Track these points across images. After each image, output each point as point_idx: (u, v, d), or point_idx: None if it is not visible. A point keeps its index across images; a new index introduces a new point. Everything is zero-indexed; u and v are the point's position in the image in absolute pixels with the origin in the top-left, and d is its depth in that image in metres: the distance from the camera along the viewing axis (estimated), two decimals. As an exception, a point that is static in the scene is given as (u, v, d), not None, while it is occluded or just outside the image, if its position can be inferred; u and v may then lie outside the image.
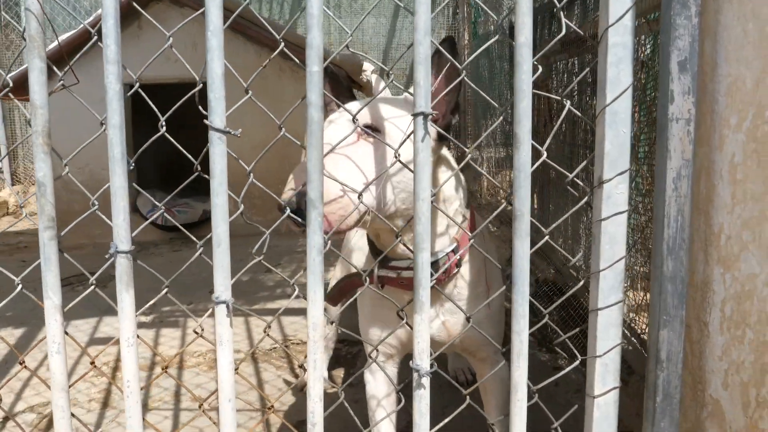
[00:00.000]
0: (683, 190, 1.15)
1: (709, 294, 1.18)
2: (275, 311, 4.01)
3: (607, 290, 1.21)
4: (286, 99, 5.89)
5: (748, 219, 1.05)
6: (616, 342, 1.22)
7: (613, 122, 1.16)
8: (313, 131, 1.15)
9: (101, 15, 1.17)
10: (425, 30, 1.12)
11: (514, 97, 1.14)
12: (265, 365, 3.24)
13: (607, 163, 1.18)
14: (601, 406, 1.24)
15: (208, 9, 1.14)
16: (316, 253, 1.17)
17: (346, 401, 1.36)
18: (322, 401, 1.20)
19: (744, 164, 1.06)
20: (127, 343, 1.25)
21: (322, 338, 1.19)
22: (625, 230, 1.20)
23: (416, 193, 1.15)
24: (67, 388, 1.29)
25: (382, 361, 1.79)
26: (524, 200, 1.16)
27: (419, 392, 1.19)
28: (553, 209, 3.93)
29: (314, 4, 1.12)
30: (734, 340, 1.11)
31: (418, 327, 1.18)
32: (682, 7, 1.11)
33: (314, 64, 1.14)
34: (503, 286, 1.41)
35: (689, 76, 1.13)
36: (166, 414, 2.76)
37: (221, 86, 1.16)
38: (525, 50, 1.13)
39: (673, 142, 1.14)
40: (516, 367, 1.21)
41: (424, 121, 1.13)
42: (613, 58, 1.15)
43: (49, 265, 1.23)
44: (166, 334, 3.70)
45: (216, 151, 1.16)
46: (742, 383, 1.09)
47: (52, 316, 1.25)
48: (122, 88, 1.20)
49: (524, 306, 1.18)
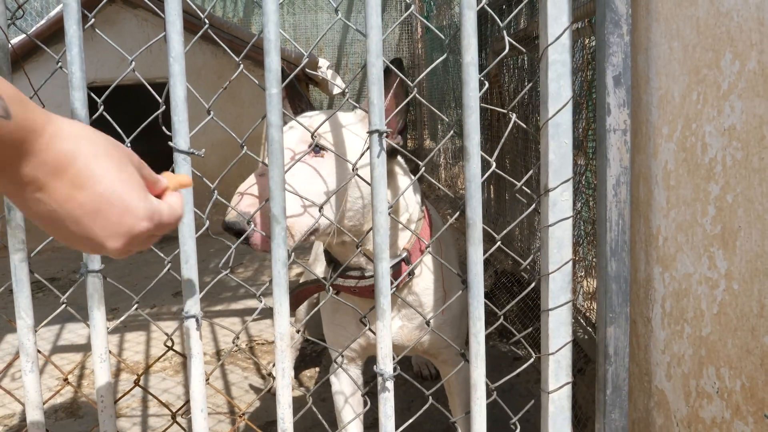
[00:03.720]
0: (623, 196, 1.23)
1: (651, 291, 1.26)
2: (239, 312, 4.05)
3: (556, 291, 1.28)
4: (244, 97, 5.91)
5: (682, 222, 1.14)
6: (567, 339, 1.30)
7: (556, 134, 1.24)
8: (274, 150, 1.20)
9: (66, 43, 1.21)
10: (377, 52, 1.18)
11: (462, 112, 1.21)
12: (231, 367, 3.27)
13: (552, 172, 1.25)
14: (555, 401, 1.32)
15: (170, 35, 1.18)
16: (281, 266, 1.23)
17: (313, 399, 1.42)
18: (291, 407, 1.26)
19: (676, 171, 1.14)
20: (100, 359, 1.29)
21: (288, 348, 1.25)
22: (570, 234, 1.28)
23: (374, 206, 1.21)
24: (41, 406, 1.33)
25: (346, 364, 1.85)
26: (476, 209, 1.23)
27: (384, 395, 1.25)
28: (510, 205, 4.02)
29: (271, 29, 1.17)
30: (674, 335, 1.19)
31: (380, 333, 1.24)
32: (614, 27, 1.19)
33: (273, 87, 1.19)
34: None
35: (624, 89, 1.21)
36: (135, 421, 2.78)
37: (184, 109, 1.20)
38: (471, 69, 1.19)
39: (612, 151, 1.22)
40: (474, 367, 1.28)
41: (380, 138, 1.19)
42: (554, 74, 1.22)
43: (21, 286, 1.27)
44: (130, 339, 3.71)
45: (181, 171, 1.21)
46: (683, 375, 1.18)
47: (25, 335, 1.29)
48: (87, 113, 1.24)
49: (479, 309, 1.25)
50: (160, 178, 0.86)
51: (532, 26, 2.94)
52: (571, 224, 1.27)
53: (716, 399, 1.08)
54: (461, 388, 1.85)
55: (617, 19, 1.19)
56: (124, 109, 4.95)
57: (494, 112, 4.03)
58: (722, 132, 1.01)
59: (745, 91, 0.95)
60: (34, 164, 0.67)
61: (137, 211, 0.75)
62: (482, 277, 1.25)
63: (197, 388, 1.26)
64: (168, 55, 1.19)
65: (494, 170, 1.29)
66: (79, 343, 3.66)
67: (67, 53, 1.21)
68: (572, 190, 1.27)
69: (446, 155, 7.21)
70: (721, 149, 1.02)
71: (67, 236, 0.73)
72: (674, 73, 1.13)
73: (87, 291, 1.27)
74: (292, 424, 1.27)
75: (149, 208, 0.77)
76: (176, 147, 1.20)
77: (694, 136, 1.08)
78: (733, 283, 1.01)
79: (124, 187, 0.74)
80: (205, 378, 1.28)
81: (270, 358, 3.35)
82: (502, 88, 3.92)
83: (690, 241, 1.12)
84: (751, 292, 0.97)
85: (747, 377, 0.99)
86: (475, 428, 1.29)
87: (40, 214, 0.70)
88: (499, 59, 1.37)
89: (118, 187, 0.73)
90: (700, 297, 1.11)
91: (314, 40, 8.66)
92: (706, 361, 1.10)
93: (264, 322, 3.84)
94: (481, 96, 1.22)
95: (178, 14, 1.18)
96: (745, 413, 1.00)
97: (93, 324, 1.28)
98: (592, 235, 2.65)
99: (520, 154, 3.54)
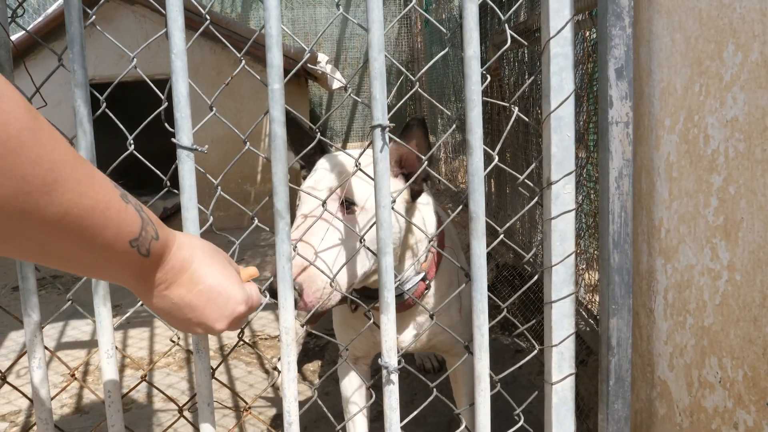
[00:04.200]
0: (625, 188, 1.24)
1: (653, 283, 1.27)
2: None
3: (559, 284, 1.29)
4: (244, 93, 5.91)
5: (684, 214, 1.14)
6: (570, 331, 1.31)
7: (558, 127, 1.24)
8: (277, 146, 1.21)
9: (68, 41, 1.21)
10: (379, 47, 1.18)
11: (465, 106, 1.22)
12: (235, 362, 3.29)
13: (554, 165, 1.25)
14: (558, 392, 1.33)
15: (171, 32, 1.18)
16: (285, 261, 1.23)
17: (318, 393, 1.43)
18: (297, 401, 1.26)
19: (678, 163, 1.15)
20: (106, 355, 1.30)
21: (294, 342, 1.25)
22: (573, 227, 1.28)
23: (377, 200, 1.22)
24: (49, 401, 1.34)
25: (353, 360, 1.90)
26: (479, 203, 1.24)
27: (389, 388, 1.26)
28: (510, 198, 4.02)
29: (273, 25, 1.18)
30: (677, 326, 1.20)
31: (384, 326, 1.25)
32: (616, 19, 1.19)
33: (275, 82, 1.20)
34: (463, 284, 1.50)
35: (626, 82, 1.21)
36: (140, 415, 2.80)
37: (187, 106, 1.20)
38: (474, 63, 1.20)
39: (614, 143, 1.22)
40: (478, 359, 1.29)
41: (382, 133, 1.20)
42: (556, 68, 1.22)
43: (27, 284, 1.28)
44: (134, 336, 3.72)
45: (185, 168, 1.21)
46: (685, 365, 1.19)
47: (32, 332, 1.29)
48: (90, 111, 1.24)
49: (483, 302, 1.26)
50: (238, 268, 1.06)
51: (533, 19, 2.94)
52: (574, 217, 1.28)
53: (718, 388, 1.08)
54: (468, 378, 1.90)
55: (619, 12, 1.19)
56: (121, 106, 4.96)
57: (494, 105, 4.03)
58: (724, 123, 1.02)
59: (747, 83, 0.96)
60: (165, 269, 0.88)
61: (237, 297, 0.97)
62: (485, 270, 1.25)
63: (204, 383, 1.26)
64: (170, 51, 1.19)
65: (495, 164, 1.29)
66: (82, 340, 3.67)
67: (69, 51, 1.21)
68: (574, 183, 1.27)
69: (446, 149, 7.21)
70: (723, 141, 1.02)
71: (184, 322, 0.95)
72: (676, 65, 1.13)
73: (93, 287, 1.28)
74: (298, 417, 1.27)
75: (245, 294, 0.99)
76: (179, 143, 1.20)
77: (696, 128, 1.09)
78: (736, 274, 1.02)
79: (227, 280, 0.95)
80: (211, 373, 1.29)
81: (273, 353, 3.36)
82: (502, 81, 3.92)
83: (692, 232, 1.12)
84: (753, 282, 0.98)
85: (749, 367, 1.00)
86: (480, 419, 1.30)
87: (165, 307, 0.91)
88: (501, 53, 1.38)
89: (222, 280, 0.95)
90: (703, 288, 1.11)
91: (313, 34, 8.65)
92: (708, 351, 1.11)
93: (267, 317, 3.85)
94: (483, 90, 1.23)
95: (179, 11, 1.18)
96: (747, 402, 1.01)
97: (99, 320, 1.29)
98: (594, 227, 2.65)
99: (521, 146, 3.54)
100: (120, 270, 0.83)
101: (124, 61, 5.75)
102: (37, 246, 0.71)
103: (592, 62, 2.52)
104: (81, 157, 0.72)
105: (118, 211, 0.77)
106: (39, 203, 0.66)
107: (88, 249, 0.76)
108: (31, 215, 0.66)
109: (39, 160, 0.64)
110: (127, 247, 0.80)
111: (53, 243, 0.72)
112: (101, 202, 0.74)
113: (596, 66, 2.57)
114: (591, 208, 2.61)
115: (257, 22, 8.23)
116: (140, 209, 0.82)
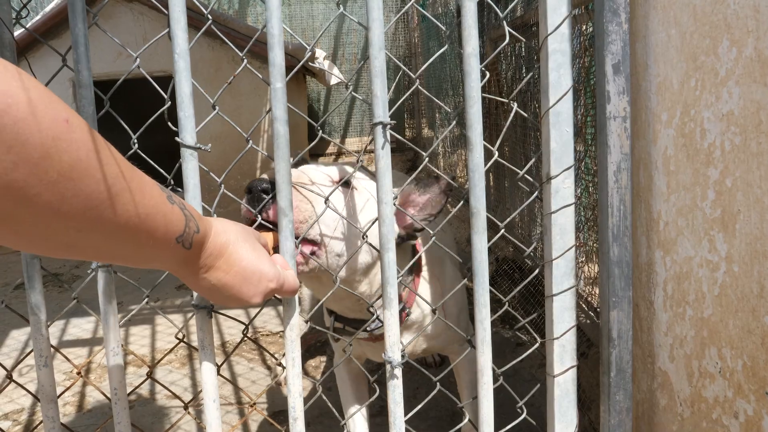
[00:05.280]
0: (624, 182, 1.25)
1: (652, 275, 1.29)
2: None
3: (560, 277, 1.31)
4: (243, 90, 5.91)
5: (682, 207, 1.16)
6: (571, 324, 1.32)
7: (557, 122, 1.26)
8: (280, 144, 1.22)
9: (72, 42, 1.22)
10: (379, 45, 1.19)
11: (464, 103, 1.23)
12: (237, 358, 3.30)
13: (553, 159, 1.27)
14: (560, 384, 1.34)
15: (174, 32, 1.20)
16: (289, 258, 1.25)
17: (320, 389, 1.44)
18: (302, 396, 1.28)
19: (676, 157, 1.16)
20: (113, 353, 1.31)
21: (298, 338, 1.27)
22: (573, 221, 1.30)
23: (379, 197, 1.23)
24: (56, 399, 1.35)
25: (347, 361, 1.94)
26: (480, 198, 1.25)
27: (392, 382, 1.28)
28: (509, 193, 4.04)
29: (275, 24, 1.19)
30: (677, 317, 1.22)
31: (387, 321, 1.26)
32: (613, 15, 1.20)
33: (277, 81, 1.21)
34: (461, 282, 1.51)
35: (623, 77, 1.22)
36: (144, 412, 2.81)
37: (190, 105, 1.22)
38: (473, 60, 1.21)
39: (612, 138, 1.24)
40: (481, 353, 1.30)
41: (383, 130, 1.21)
42: (554, 64, 1.24)
43: (32, 282, 1.29)
44: (135, 333, 3.74)
45: (189, 166, 1.22)
46: (685, 356, 1.20)
47: (38, 331, 1.31)
48: (95, 110, 1.26)
49: (485, 296, 1.27)
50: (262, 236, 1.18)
51: (529, 14, 2.95)
52: (574, 211, 1.29)
53: (718, 378, 1.10)
54: (468, 368, 1.92)
55: (616, 8, 1.20)
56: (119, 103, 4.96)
57: (492, 100, 4.04)
58: (720, 117, 1.03)
59: (742, 77, 0.97)
60: (205, 255, 0.97)
61: (269, 275, 1.07)
62: (487, 265, 1.27)
63: (209, 379, 1.28)
64: (173, 52, 1.21)
65: (494, 159, 1.31)
66: (84, 338, 3.69)
67: (74, 51, 1.22)
68: (574, 176, 1.29)
69: (444, 144, 7.22)
70: (719, 134, 1.04)
71: (223, 299, 1.05)
72: (672, 60, 1.15)
73: (98, 285, 1.29)
74: (303, 412, 1.29)
75: (276, 272, 1.09)
76: (183, 142, 1.21)
77: (692, 122, 1.10)
78: (734, 265, 1.03)
79: (259, 260, 1.05)
80: (216, 370, 1.30)
81: (275, 349, 3.38)
82: (500, 76, 3.93)
83: (690, 225, 1.14)
84: (751, 273, 0.99)
85: (748, 356, 1.02)
86: (483, 412, 1.32)
87: (206, 286, 1.01)
88: (499, 50, 1.39)
89: (255, 260, 1.04)
90: (701, 279, 1.13)
91: (310, 30, 8.64)
92: (708, 342, 1.12)
93: (268, 313, 3.86)
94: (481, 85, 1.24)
95: (182, 11, 1.19)
96: (747, 391, 1.03)
97: (105, 318, 1.30)
98: (593, 220, 2.67)
99: (519, 141, 3.55)
100: (165, 261, 0.92)
101: (122, 59, 5.75)
102: (95, 250, 0.80)
103: (589, 56, 2.53)
104: (132, 167, 0.79)
105: (166, 213, 0.85)
106: (103, 216, 0.74)
107: (140, 248, 0.85)
108: (95, 227, 0.74)
109: (102, 178, 0.72)
110: (173, 243, 0.89)
111: (110, 246, 0.81)
112: (153, 208, 0.82)
113: (593, 60, 2.58)
114: (589, 201, 2.63)
115: (254, 18, 8.22)
116: (183, 207, 0.91)
